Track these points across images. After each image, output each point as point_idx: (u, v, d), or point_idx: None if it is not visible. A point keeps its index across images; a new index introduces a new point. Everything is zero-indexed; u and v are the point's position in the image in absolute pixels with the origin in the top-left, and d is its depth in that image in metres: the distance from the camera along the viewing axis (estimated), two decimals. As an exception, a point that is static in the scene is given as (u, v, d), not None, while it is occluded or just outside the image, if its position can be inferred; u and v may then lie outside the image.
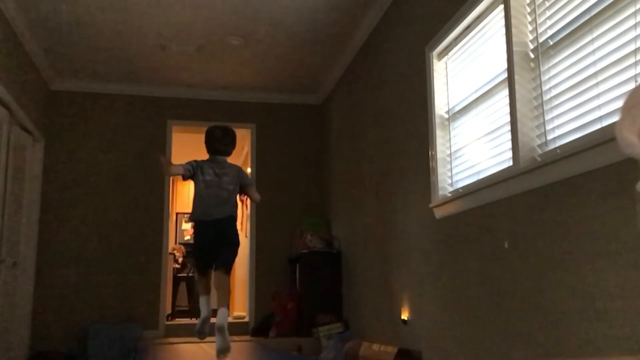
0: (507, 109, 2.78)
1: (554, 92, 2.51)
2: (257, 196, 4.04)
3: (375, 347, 4.02)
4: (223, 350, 3.63)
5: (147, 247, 6.17)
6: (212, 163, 3.85)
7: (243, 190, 3.92)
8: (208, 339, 4.31)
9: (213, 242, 3.80)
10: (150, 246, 6.19)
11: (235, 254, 3.89)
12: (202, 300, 3.88)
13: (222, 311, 3.71)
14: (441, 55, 3.64)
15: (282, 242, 6.43)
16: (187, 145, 8.39)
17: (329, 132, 6.37)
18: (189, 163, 3.76)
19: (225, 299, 3.79)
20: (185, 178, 3.75)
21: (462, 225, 3.18)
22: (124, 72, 6.06)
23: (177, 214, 10.13)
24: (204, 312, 3.87)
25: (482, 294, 2.96)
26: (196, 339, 4.19)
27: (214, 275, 3.85)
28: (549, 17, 2.57)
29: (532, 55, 2.70)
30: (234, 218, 3.87)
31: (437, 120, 3.60)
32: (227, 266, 3.84)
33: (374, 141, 4.77)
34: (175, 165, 3.79)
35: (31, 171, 5.62)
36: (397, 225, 4.17)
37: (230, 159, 4.08)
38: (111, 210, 6.16)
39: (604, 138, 2.05)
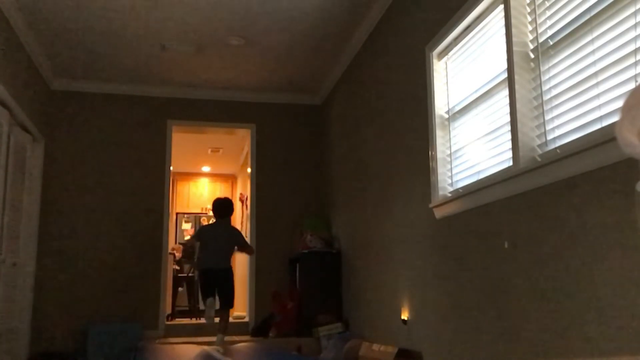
0: (507, 109, 2.77)
1: (554, 92, 2.51)
2: (249, 250, 5.37)
3: (375, 347, 4.02)
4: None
5: (147, 247, 6.17)
6: (215, 225, 5.14)
7: (239, 249, 5.19)
8: (207, 339, 5.18)
9: (214, 287, 4.92)
10: (150, 246, 6.19)
11: (232, 296, 5.04)
12: (208, 302, 4.89)
13: (218, 336, 4.83)
14: (441, 55, 3.64)
15: (282, 242, 6.43)
16: (187, 145, 8.41)
17: (329, 132, 6.37)
18: (195, 234, 5.32)
19: (223, 327, 4.92)
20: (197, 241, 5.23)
21: (462, 225, 3.18)
22: (124, 72, 6.06)
23: (177, 214, 10.13)
24: (209, 310, 4.87)
25: (482, 294, 2.96)
26: (196, 340, 4.65)
27: (219, 309, 4.99)
28: (549, 17, 2.57)
29: (532, 55, 2.70)
30: (229, 270, 5.05)
31: (437, 120, 3.60)
32: (227, 306, 5.01)
33: (374, 141, 4.77)
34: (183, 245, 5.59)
35: (31, 171, 5.62)
36: (397, 225, 4.17)
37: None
38: (111, 210, 6.16)
39: (604, 138, 2.05)
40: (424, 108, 3.74)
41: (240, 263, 8.42)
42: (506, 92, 2.81)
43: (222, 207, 5.15)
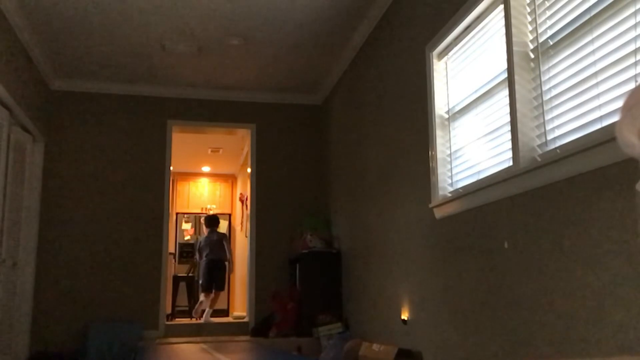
0: (507, 109, 2.78)
1: (554, 92, 2.51)
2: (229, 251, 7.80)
3: (375, 347, 4.02)
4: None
5: (147, 247, 6.18)
6: (208, 232, 7.69)
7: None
8: (205, 338, 5.58)
9: (212, 271, 7.41)
10: (151, 246, 6.19)
11: (224, 279, 7.77)
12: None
13: (207, 311, 7.01)
14: (441, 55, 3.64)
15: (282, 242, 6.43)
16: (187, 145, 8.42)
17: (329, 132, 6.37)
18: (198, 242, 7.92)
19: (212, 305, 7.24)
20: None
21: (462, 225, 3.18)
22: (124, 72, 6.06)
23: (177, 214, 10.13)
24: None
25: (482, 294, 2.96)
26: (196, 339, 4.88)
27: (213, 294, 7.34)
28: (549, 17, 2.57)
29: (532, 55, 2.70)
30: (223, 260, 7.50)
31: (437, 120, 3.60)
32: (221, 289, 7.53)
33: (374, 141, 4.77)
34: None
35: (31, 171, 5.62)
36: (397, 225, 4.17)
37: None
38: (111, 210, 6.16)
39: (604, 138, 2.05)
40: (424, 108, 3.75)
41: (241, 263, 8.40)
42: (506, 92, 2.81)
43: (212, 222, 7.77)
